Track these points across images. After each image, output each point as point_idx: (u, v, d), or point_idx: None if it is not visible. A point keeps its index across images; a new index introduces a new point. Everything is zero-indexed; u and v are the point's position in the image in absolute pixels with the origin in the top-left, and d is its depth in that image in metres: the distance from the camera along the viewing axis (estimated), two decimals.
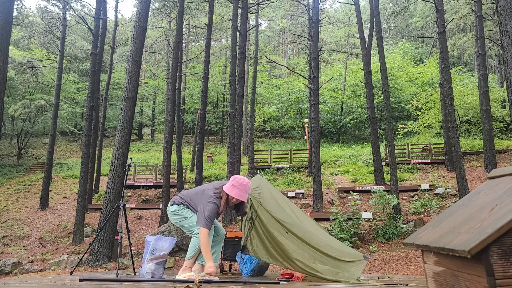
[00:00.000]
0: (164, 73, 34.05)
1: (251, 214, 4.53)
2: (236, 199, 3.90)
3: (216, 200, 3.84)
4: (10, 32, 8.56)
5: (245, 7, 15.54)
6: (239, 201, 3.96)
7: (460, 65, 36.61)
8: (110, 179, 9.97)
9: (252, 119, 23.60)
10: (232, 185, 3.88)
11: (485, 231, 1.07)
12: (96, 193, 18.98)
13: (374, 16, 15.98)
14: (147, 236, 4.26)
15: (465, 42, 30.19)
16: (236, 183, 3.87)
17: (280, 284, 3.64)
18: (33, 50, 29.08)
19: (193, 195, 4.03)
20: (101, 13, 17.54)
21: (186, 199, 4.01)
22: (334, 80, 34.23)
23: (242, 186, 3.87)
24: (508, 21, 5.28)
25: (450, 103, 13.12)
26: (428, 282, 1.46)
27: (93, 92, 15.82)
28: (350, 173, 19.16)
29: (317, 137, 14.32)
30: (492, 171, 1.62)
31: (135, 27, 10.73)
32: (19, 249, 14.02)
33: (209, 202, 3.80)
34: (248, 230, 4.50)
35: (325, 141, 30.84)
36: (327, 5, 48.32)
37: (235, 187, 3.86)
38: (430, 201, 14.01)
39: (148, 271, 3.97)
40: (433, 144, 20.28)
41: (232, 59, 15.13)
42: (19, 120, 27.57)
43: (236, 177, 3.95)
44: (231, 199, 3.91)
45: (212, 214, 3.74)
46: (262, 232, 4.43)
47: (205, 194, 3.93)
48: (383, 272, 7.83)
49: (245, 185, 3.90)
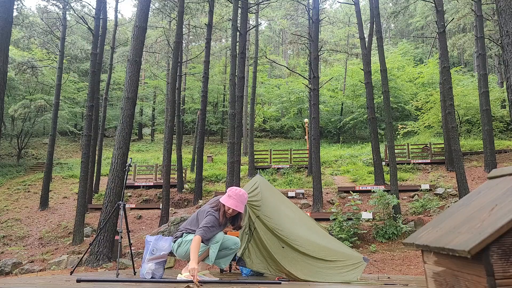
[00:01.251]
0: (164, 73, 34.05)
1: (249, 225, 4.53)
2: (233, 210, 3.85)
3: (214, 213, 3.81)
4: (10, 32, 8.56)
5: (245, 7, 15.54)
6: (235, 212, 3.90)
7: (460, 65, 36.62)
8: (110, 179, 9.97)
9: (252, 119, 23.60)
10: (228, 196, 3.85)
11: (485, 231, 1.07)
12: (96, 193, 18.98)
13: (374, 16, 15.98)
14: (147, 236, 4.26)
15: (465, 42, 30.20)
16: (232, 194, 3.84)
17: (281, 284, 3.64)
18: (33, 50, 29.08)
19: (190, 221, 4.02)
20: (101, 13, 17.55)
21: (185, 227, 4.00)
22: (334, 80, 34.23)
23: (238, 197, 3.83)
24: (508, 21, 5.28)
25: (450, 103, 13.12)
26: (428, 282, 1.46)
27: (93, 92, 15.82)
28: (350, 173, 19.17)
29: (317, 137, 14.32)
30: (492, 171, 1.62)
31: (135, 27, 10.73)
32: (19, 249, 14.02)
33: (207, 215, 3.78)
34: (246, 242, 4.50)
35: (325, 141, 30.84)
36: (327, 5, 48.34)
37: (231, 197, 3.83)
38: (430, 201, 14.01)
39: (148, 271, 3.97)
40: (433, 144, 20.28)
41: (232, 59, 15.13)
42: (19, 120, 27.58)
43: (232, 188, 3.93)
44: (227, 210, 3.85)
45: (209, 223, 3.70)
46: (260, 244, 4.45)
47: (202, 213, 3.92)
48: (383, 272, 7.82)
49: (241, 195, 3.85)
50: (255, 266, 4.42)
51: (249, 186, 5.04)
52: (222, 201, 3.86)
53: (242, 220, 4.21)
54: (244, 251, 4.45)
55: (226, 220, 3.96)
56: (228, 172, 13.85)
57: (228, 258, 4.09)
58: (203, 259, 3.92)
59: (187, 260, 3.88)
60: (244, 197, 3.89)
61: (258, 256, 4.45)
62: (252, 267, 4.43)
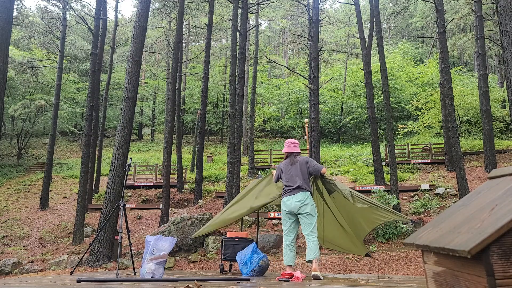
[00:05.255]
0: (164, 73, 34.04)
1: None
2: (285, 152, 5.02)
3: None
4: (10, 32, 8.57)
5: (245, 7, 15.54)
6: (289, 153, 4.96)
7: (460, 65, 36.60)
8: (110, 179, 9.97)
9: (252, 119, 23.60)
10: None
11: (485, 231, 1.07)
12: (96, 193, 18.97)
13: (374, 16, 15.98)
14: (147, 236, 4.26)
15: (465, 42, 30.20)
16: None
17: (281, 282, 3.64)
18: (33, 50, 29.07)
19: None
20: (101, 13, 17.54)
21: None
22: (334, 80, 34.21)
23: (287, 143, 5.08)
24: (508, 21, 5.28)
25: (450, 103, 13.12)
26: (428, 282, 1.46)
27: (93, 92, 15.82)
28: (350, 173, 19.16)
29: (317, 137, 14.31)
30: (492, 171, 1.62)
31: (135, 27, 10.74)
32: (19, 249, 14.02)
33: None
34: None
35: (325, 141, 30.84)
36: (327, 5, 48.32)
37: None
38: (430, 201, 14.01)
39: (148, 271, 3.97)
40: (433, 144, 20.27)
41: (232, 59, 15.13)
42: (19, 120, 27.58)
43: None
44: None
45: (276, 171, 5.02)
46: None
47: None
48: (383, 272, 7.82)
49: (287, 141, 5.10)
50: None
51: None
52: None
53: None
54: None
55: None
56: (228, 172, 13.85)
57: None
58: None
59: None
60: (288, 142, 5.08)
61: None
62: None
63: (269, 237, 11.44)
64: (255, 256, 5.13)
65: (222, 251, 6.07)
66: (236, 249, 5.74)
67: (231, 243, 5.98)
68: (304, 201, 4.54)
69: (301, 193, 4.58)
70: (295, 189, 4.63)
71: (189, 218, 11.60)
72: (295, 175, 4.69)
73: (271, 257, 10.34)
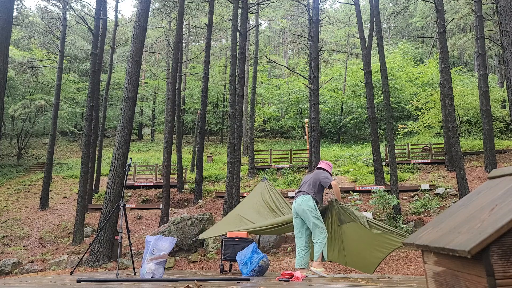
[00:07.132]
0: (164, 73, 34.03)
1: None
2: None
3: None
4: (10, 32, 8.56)
5: (245, 7, 15.54)
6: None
7: (460, 65, 36.59)
8: (110, 179, 9.97)
9: (252, 119, 23.60)
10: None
11: (485, 231, 1.07)
12: (96, 193, 18.97)
13: (374, 16, 15.98)
14: (147, 236, 4.26)
15: (465, 42, 30.16)
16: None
17: (281, 282, 3.64)
18: (33, 50, 29.07)
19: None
20: (101, 13, 17.54)
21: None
22: (334, 80, 34.20)
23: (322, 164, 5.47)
24: (508, 21, 5.28)
25: (450, 103, 13.12)
26: (428, 282, 1.46)
27: (93, 92, 15.82)
28: (350, 173, 19.15)
29: (317, 137, 14.31)
30: (492, 171, 1.62)
31: (135, 27, 10.74)
32: (19, 249, 14.03)
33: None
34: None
35: (325, 141, 30.82)
36: (327, 5, 48.23)
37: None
38: (430, 201, 14.01)
39: (148, 271, 3.97)
40: (433, 144, 20.27)
41: (232, 59, 15.13)
42: (19, 120, 27.58)
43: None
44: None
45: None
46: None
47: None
48: (383, 272, 7.83)
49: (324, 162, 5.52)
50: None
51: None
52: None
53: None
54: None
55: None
56: (228, 172, 13.84)
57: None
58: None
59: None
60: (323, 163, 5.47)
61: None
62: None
63: (269, 237, 11.45)
64: (255, 256, 5.13)
65: (222, 251, 6.07)
66: (236, 249, 5.74)
67: (231, 243, 5.98)
68: (302, 203, 4.99)
69: (301, 196, 5.06)
70: (298, 192, 5.17)
71: (189, 218, 11.60)
72: (305, 182, 5.23)
73: (271, 257, 10.35)
